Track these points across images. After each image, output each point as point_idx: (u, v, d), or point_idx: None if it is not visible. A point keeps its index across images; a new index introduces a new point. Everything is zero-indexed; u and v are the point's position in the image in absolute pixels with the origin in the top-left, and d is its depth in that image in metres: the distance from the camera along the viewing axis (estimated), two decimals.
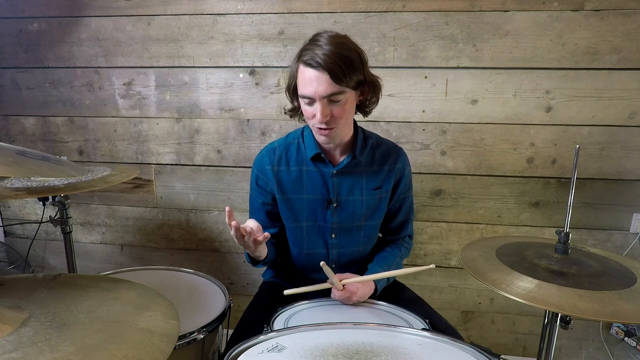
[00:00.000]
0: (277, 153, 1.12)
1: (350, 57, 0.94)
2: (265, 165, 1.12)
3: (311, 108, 0.97)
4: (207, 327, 0.98)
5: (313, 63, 0.92)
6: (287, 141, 1.14)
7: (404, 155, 1.17)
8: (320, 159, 1.09)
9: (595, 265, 0.90)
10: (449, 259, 1.70)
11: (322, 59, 0.91)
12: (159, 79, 1.69)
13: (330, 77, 0.91)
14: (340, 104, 0.96)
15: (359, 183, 1.11)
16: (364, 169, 1.11)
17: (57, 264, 1.97)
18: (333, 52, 0.91)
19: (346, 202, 1.10)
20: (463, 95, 1.54)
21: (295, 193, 1.11)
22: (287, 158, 1.11)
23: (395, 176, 1.14)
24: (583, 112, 1.50)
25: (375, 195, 1.12)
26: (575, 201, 1.16)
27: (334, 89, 0.93)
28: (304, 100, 0.98)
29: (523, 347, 1.75)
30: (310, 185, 1.10)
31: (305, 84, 0.94)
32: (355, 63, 0.95)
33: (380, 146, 1.15)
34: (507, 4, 1.45)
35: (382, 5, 1.50)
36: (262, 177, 1.12)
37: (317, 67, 0.91)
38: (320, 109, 0.94)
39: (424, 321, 0.95)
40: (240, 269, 1.83)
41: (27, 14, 1.69)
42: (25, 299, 0.70)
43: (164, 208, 1.82)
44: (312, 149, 1.08)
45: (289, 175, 1.11)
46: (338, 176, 1.09)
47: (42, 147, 1.82)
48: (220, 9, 1.58)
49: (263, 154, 1.14)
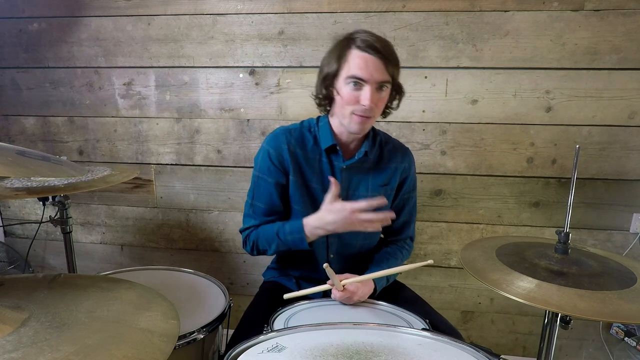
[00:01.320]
0: (293, 135, 1.11)
1: (395, 54, 1.00)
2: (281, 144, 1.08)
3: (357, 92, 0.98)
4: (207, 327, 0.98)
5: (370, 49, 0.95)
6: (302, 126, 1.13)
7: (410, 155, 1.19)
8: (335, 150, 1.09)
9: (595, 265, 0.90)
10: (449, 259, 1.70)
11: (380, 47, 0.96)
12: (159, 79, 1.69)
13: (384, 64, 0.96)
14: (384, 93, 1.00)
15: (366, 179, 1.12)
16: (371, 165, 1.13)
17: (57, 264, 1.97)
18: (385, 43, 0.98)
19: (352, 197, 1.11)
20: (463, 95, 1.54)
21: (308, 179, 1.10)
22: (304, 143, 1.11)
23: (402, 175, 1.15)
24: (583, 112, 1.50)
25: (380, 191, 1.13)
26: (575, 201, 1.16)
27: (386, 76, 0.98)
28: (352, 82, 0.97)
29: (523, 347, 1.75)
30: (320, 177, 1.10)
31: (360, 67, 0.96)
32: (398, 60, 1.01)
33: (388, 144, 1.16)
34: (507, 4, 1.45)
35: (382, 5, 1.50)
36: (277, 154, 1.08)
37: (375, 53, 0.95)
38: (370, 94, 0.96)
39: (424, 321, 0.95)
40: (240, 269, 1.83)
41: (27, 14, 1.69)
42: (25, 299, 0.70)
43: (164, 208, 1.82)
44: (329, 139, 1.08)
45: (306, 159, 1.10)
46: (347, 171, 1.10)
47: (42, 147, 1.82)
48: (220, 9, 1.59)
49: (278, 133, 1.11)
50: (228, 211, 1.77)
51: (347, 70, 0.98)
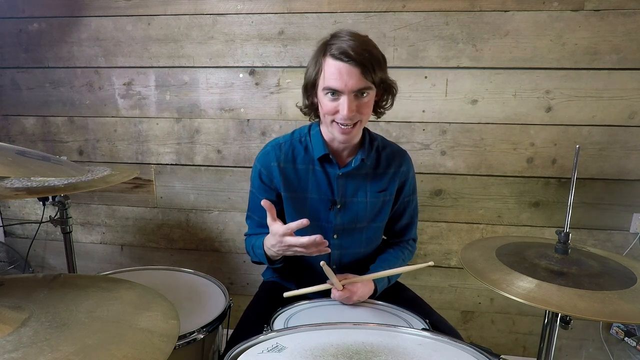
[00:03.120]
0: (283, 149, 1.10)
1: (377, 55, 0.96)
2: (270, 162, 1.09)
3: (335, 103, 0.96)
4: (207, 327, 0.98)
5: (344, 57, 0.91)
6: (292, 138, 1.12)
7: (408, 159, 1.17)
8: (328, 159, 1.08)
9: (595, 265, 0.90)
10: (449, 259, 1.69)
11: (353, 53, 0.91)
12: (159, 79, 1.69)
13: (360, 71, 0.91)
14: (366, 99, 0.96)
15: (364, 185, 1.10)
16: (369, 171, 1.11)
17: (57, 264, 1.97)
18: (362, 47, 0.92)
19: (350, 203, 1.10)
20: (463, 95, 1.54)
21: (301, 192, 1.10)
22: (294, 156, 1.10)
23: (400, 179, 1.14)
24: (583, 112, 1.50)
25: (379, 197, 1.12)
26: (575, 201, 1.16)
27: (363, 83, 0.93)
28: (329, 94, 0.96)
29: (523, 347, 1.75)
30: (316, 186, 1.09)
31: (334, 77, 0.93)
32: (381, 61, 0.97)
33: (385, 149, 1.15)
34: (507, 4, 1.45)
35: (382, 5, 1.50)
36: (267, 173, 1.10)
37: (348, 61, 0.91)
38: (347, 104, 0.93)
39: (424, 321, 0.95)
40: (240, 269, 1.83)
41: (27, 14, 1.69)
42: (25, 299, 0.70)
43: (164, 208, 1.82)
44: (321, 149, 1.07)
45: (296, 174, 1.09)
46: (343, 178, 1.09)
47: (42, 147, 1.82)
48: (220, 9, 1.59)
49: (268, 150, 1.11)
50: (228, 211, 1.77)
51: (323, 81, 0.96)
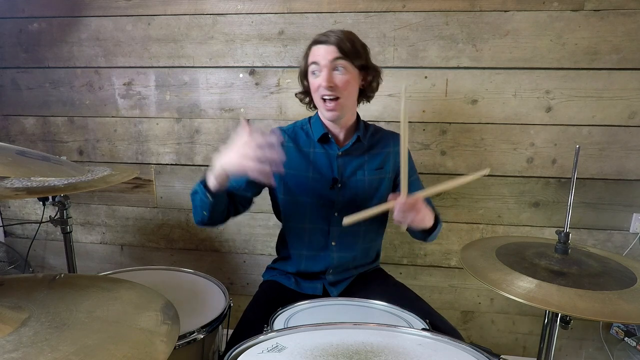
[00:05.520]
0: (287, 132, 1.19)
1: (356, 43, 1.07)
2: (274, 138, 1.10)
3: (318, 79, 1.06)
4: (207, 327, 0.98)
5: (322, 39, 1.05)
6: (295, 126, 1.21)
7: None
8: (327, 139, 1.15)
9: (595, 265, 0.90)
10: (449, 259, 1.69)
11: (332, 35, 1.05)
12: (159, 79, 1.69)
13: (337, 49, 1.03)
14: (343, 72, 1.05)
15: (362, 164, 1.17)
16: (366, 151, 1.18)
17: (57, 264, 1.97)
18: (341, 33, 1.06)
19: (350, 181, 1.16)
20: (463, 95, 1.54)
21: (303, 171, 1.15)
22: (297, 138, 1.18)
23: (395, 158, 1.19)
24: (583, 112, 1.50)
25: (376, 175, 1.18)
26: (575, 201, 1.16)
27: (338, 55, 1.04)
28: (312, 70, 1.07)
29: (523, 347, 1.75)
30: (317, 166, 1.15)
31: (315, 54, 1.06)
32: (360, 48, 1.08)
33: (379, 132, 1.24)
34: (507, 4, 1.45)
35: (382, 5, 1.50)
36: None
37: (326, 42, 1.04)
38: (325, 74, 1.03)
39: (424, 321, 0.95)
40: (240, 269, 1.83)
41: (27, 14, 1.69)
42: (25, 299, 0.70)
43: (164, 208, 1.82)
44: (319, 129, 1.15)
45: (297, 153, 1.16)
46: (343, 157, 1.16)
47: (42, 147, 1.82)
48: (220, 9, 1.59)
49: (272, 130, 1.16)
50: None
51: (309, 61, 1.09)
